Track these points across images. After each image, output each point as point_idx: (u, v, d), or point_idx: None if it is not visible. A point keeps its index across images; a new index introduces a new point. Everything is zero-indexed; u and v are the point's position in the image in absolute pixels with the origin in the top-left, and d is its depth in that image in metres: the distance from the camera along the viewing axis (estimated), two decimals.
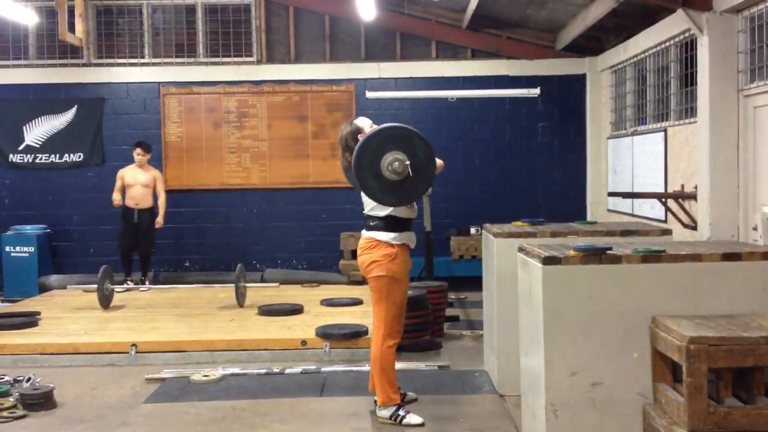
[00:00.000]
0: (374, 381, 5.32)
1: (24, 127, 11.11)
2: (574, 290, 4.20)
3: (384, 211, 5.20)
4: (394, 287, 5.21)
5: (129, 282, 9.91)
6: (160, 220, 10.09)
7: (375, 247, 5.22)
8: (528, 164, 11.11)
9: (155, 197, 10.17)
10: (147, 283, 10.02)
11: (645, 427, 4.14)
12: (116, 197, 9.98)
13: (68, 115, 11.12)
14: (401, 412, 5.20)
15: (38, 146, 11.12)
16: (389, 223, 5.21)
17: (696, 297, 4.20)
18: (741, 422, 3.71)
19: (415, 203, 5.37)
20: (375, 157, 4.97)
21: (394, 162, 4.94)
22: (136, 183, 10.01)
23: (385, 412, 5.23)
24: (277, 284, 9.59)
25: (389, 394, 5.25)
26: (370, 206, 5.25)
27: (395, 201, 5.11)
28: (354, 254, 10.62)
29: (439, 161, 5.21)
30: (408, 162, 4.95)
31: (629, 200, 9.35)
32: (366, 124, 5.36)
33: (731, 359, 3.72)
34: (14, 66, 11.15)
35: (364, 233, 5.32)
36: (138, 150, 10.07)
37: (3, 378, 6.17)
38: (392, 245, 5.19)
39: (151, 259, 10.28)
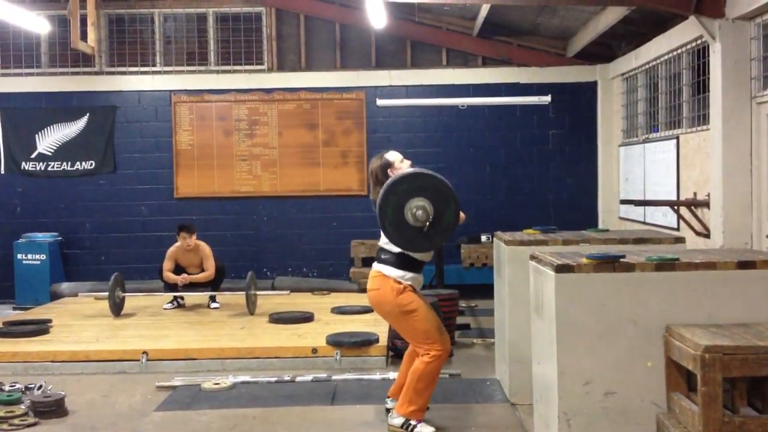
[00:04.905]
0: (404, 389, 5.21)
1: (36, 135, 11.17)
2: (587, 298, 4.17)
3: (397, 248, 5.12)
4: (412, 318, 5.10)
5: (180, 299, 9.43)
6: (186, 278, 9.06)
7: (382, 284, 5.13)
8: (539, 172, 11.09)
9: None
10: (217, 301, 9.39)
11: None
12: (171, 277, 9.07)
13: (80, 123, 11.18)
14: (413, 422, 5.16)
15: (50, 154, 11.17)
16: (400, 261, 5.12)
17: (710, 305, 4.17)
18: None
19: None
20: (409, 193, 4.91)
21: (419, 210, 4.87)
22: (191, 265, 9.25)
23: (397, 421, 5.20)
24: (288, 292, 9.60)
25: (414, 408, 5.11)
26: (386, 240, 5.19)
27: (395, 238, 5.01)
28: (364, 261, 10.69)
29: (461, 215, 5.16)
30: (430, 221, 4.90)
31: (641, 208, 9.31)
32: (397, 158, 5.30)
33: (746, 368, 3.68)
34: (27, 74, 11.21)
35: (374, 265, 5.26)
36: (183, 234, 9.13)
37: (14, 385, 6.18)
38: (399, 282, 5.10)
39: (225, 272, 9.53)
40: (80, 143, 11.17)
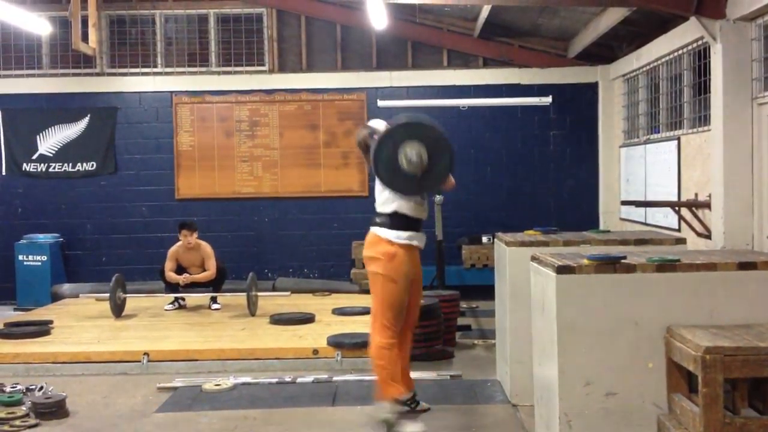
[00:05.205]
0: (377, 376, 5.23)
1: (38, 137, 11.18)
2: (588, 299, 4.17)
3: (390, 208, 5.15)
4: (389, 287, 5.13)
5: (181, 300, 9.44)
6: (187, 277, 9.09)
7: (376, 244, 5.18)
8: (540, 173, 11.09)
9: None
10: (218, 302, 9.35)
11: None
12: (173, 276, 9.06)
13: (81, 125, 11.18)
14: (395, 416, 5.14)
15: (51, 155, 11.18)
16: (394, 221, 5.15)
17: (711, 306, 4.17)
18: None
19: (425, 204, 5.29)
20: (406, 138, 4.91)
21: (414, 154, 4.88)
22: (192, 266, 9.26)
23: (382, 414, 5.15)
24: (289, 293, 9.59)
25: (387, 389, 5.13)
26: (380, 201, 5.22)
27: (387, 181, 5.00)
28: None
29: (450, 180, 5.18)
30: (424, 167, 4.87)
31: (642, 209, 9.31)
32: (381, 125, 5.33)
33: (747, 369, 3.68)
34: (28, 75, 11.22)
35: (371, 228, 5.29)
36: (184, 232, 9.17)
37: (15, 387, 6.18)
38: (392, 243, 5.12)
39: (226, 274, 9.53)
40: (81, 144, 11.17)
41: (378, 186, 5.26)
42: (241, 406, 5.90)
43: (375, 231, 5.22)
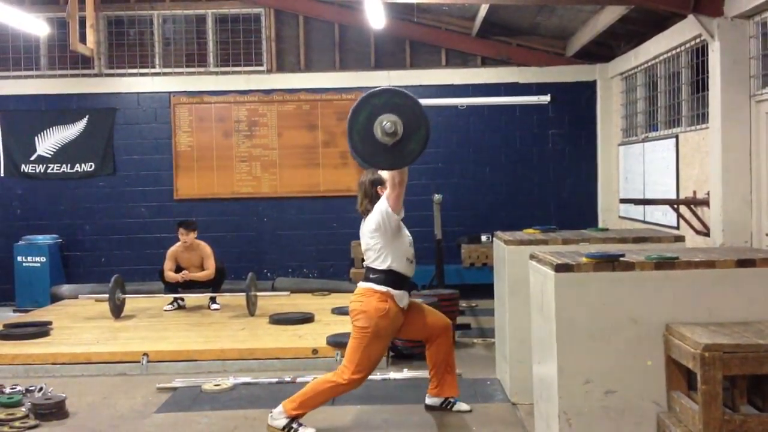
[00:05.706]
0: (302, 392, 5.25)
1: (36, 138, 11.17)
2: (587, 298, 4.18)
3: (384, 265, 5.15)
4: (375, 343, 5.16)
5: (180, 300, 9.43)
6: (186, 274, 9.10)
7: (369, 297, 5.16)
8: (539, 171, 11.09)
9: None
10: (218, 302, 9.35)
11: None
12: (171, 276, 9.04)
13: (80, 125, 11.18)
14: (294, 425, 5.19)
15: (50, 156, 11.18)
16: (389, 278, 5.15)
17: (710, 304, 4.18)
18: (757, 430, 3.68)
19: (414, 261, 5.30)
20: (384, 107, 4.83)
21: (388, 125, 4.77)
22: (191, 266, 9.22)
23: (279, 423, 5.21)
24: (288, 293, 9.59)
25: (300, 412, 5.21)
26: (372, 257, 5.22)
27: (359, 148, 4.91)
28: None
29: (391, 176, 5.04)
30: (398, 137, 4.78)
31: (641, 207, 9.32)
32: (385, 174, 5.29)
33: (746, 367, 3.69)
34: (26, 77, 11.22)
35: (360, 284, 5.28)
36: (181, 230, 9.14)
37: (15, 388, 6.19)
38: (385, 300, 5.12)
39: (225, 274, 9.56)
40: (80, 145, 11.17)
41: (367, 242, 5.26)
42: (241, 407, 5.91)
43: (369, 285, 5.20)
